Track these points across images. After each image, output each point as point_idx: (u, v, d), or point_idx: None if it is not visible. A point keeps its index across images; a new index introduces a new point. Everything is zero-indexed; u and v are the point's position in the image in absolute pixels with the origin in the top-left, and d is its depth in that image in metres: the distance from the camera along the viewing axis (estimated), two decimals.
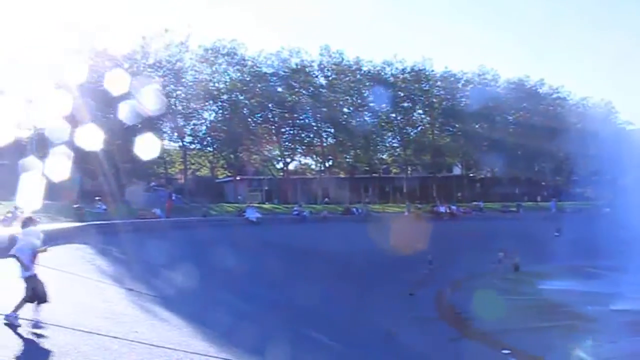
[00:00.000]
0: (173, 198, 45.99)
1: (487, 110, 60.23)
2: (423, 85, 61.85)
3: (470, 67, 77.52)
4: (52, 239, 17.55)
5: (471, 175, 69.73)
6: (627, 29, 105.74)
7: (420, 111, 64.59)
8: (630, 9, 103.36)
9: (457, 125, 63.23)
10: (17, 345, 6.88)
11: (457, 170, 69.98)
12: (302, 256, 28.20)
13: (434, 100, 62.58)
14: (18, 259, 8.08)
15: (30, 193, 38.29)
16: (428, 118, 64.33)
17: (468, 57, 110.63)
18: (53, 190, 43.73)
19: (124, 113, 47.80)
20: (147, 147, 48.95)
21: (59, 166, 48.21)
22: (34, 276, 8.14)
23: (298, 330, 15.89)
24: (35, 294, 7.96)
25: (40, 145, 46.72)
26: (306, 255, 28.66)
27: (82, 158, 40.48)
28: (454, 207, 52.30)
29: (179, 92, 54.42)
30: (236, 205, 47.33)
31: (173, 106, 53.60)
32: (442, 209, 51.41)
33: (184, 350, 9.29)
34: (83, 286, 12.92)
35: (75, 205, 32.22)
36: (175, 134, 55.15)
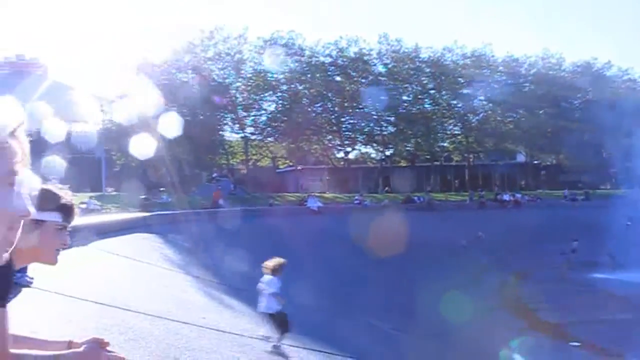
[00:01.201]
0: (232, 187, 46.72)
1: (552, 95, 58.48)
2: (484, 70, 60.47)
3: (534, 50, 75.48)
4: (122, 228, 18.16)
5: (535, 162, 67.91)
6: None
7: (482, 97, 63.24)
8: None
9: (520, 111, 61.67)
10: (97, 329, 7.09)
11: (520, 158, 68.28)
12: (360, 243, 28.13)
13: (496, 86, 61.12)
14: (277, 296, 9.33)
15: (102, 184, 39.60)
16: (490, 104, 62.94)
17: (531, 41, 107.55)
18: (121, 182, 45.32)
19: (186, 105, 48.96)
20: (208, 138, 50.07)
21: (126, 158, 49.90)
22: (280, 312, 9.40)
23: (362, 319, 15.91)
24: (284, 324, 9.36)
25: (108, 138, 48.24)
26: (363, 242, 28.57)
27: (147, 151, 41.66)
28: (518, 195, 51.07)
29: (238, 84, 55.16)
30: (297, 195, 47.58)
31: (233, 98, 54.40)
32: (506, 197, 50.27)
33: (251, 336, 9.41)
34: (152, 274, 13.25)
35: (142, 196, 33.06)
36: (237, 125, 55.91)
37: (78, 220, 2.08)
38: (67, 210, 2.07)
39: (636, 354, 14.71)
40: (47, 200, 1.93)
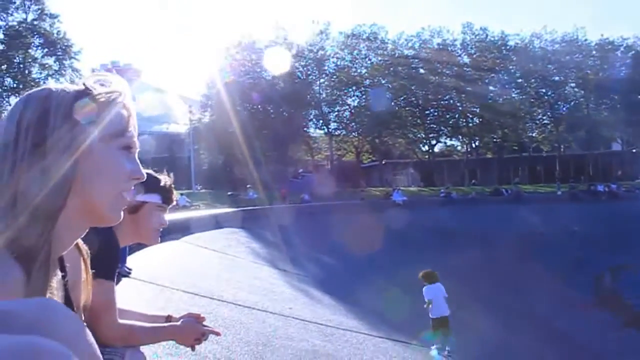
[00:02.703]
0: (316, 182, 47.15)
1: None
2: (575, 56, 57.96)
3: (632, 32, 71.65)
4: (211, 223, 18.74)
5: (634, 150, 64.45)
6: None
7: (573, 84, 60.62)
8: None
9: (615, 97, 58.66)
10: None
11: (616, 146, 65.04)
12: (451, 237, 27.73)
13: (588, 71, 58.37)
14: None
15: (192, 181, 40.97)
16: (582, 91, 60.26)
17: (626, 22, 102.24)
18: (209, 179, 46.78)
19: (271, 102, 49.91)
20: (293, 135, 50.79)
21: (214, 157, 51.46)
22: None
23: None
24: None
25: (197, 138, 49.85)
26: (455, 236, 28.14)
27: (233, 148, 42.77)
28: (613, 186, 48.64)
29: (322, 80, 55.58)
30: (382, 188, 47.46)
31: (317, 94, 54.87)
32: (600, 188, 48.05)
33: (336, 326, 9.52)
34: (240, 267, 13.61)
35: (229, 193, 34.01)
36: (321, 121, 56.35)
37: (170, 217, 2.23)
38: (166, 192, 2.22)
39: None
40: (147, 183, 2.09)
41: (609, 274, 26.07)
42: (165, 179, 2.23)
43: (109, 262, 1.95)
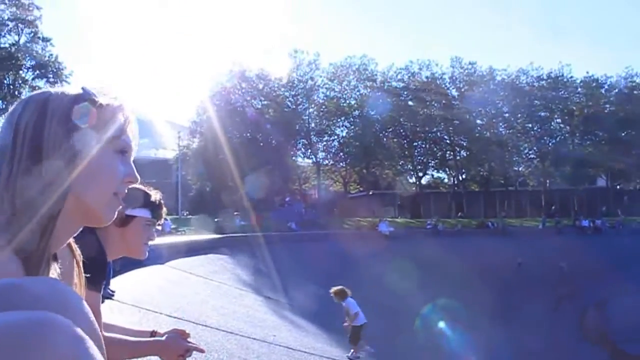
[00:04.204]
0: (303, 212, 47.24)
1: (636, 116, 56.01)
2: (561, 92, 58.77)
3: (616, 70, 72.85)
4: (198, 249, 18.67)
5: (618, 187, 65.05)
6: None
7: (559, 120, 61.35)
8: None
9: (600, 134, 59.45)
10: None
11: (601, 182, 65.62)
12: (434, 268, 27.75)
13: (574, 107, 59.16)
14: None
15: (178, 207, 40.76)
16: (567, 127, 61.00)
17: (612, 61, 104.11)
18: (195, 205, 46.60)
19: (260, 131, 50.07)
20: (281, 163, 50.85)
21: (201, 183, 51.35)
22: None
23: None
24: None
25: (184, 164, 49.86)
26: (437, 267, 28.17)
27: (220, 175, 42.79)
28: (598, 222, 49.04)
29: (311, 110, 55.92)
30: (369, 219, 47.47)
31: (306, 124, 55.15)
32: (585, 224, 48.42)
33: (320, 355, 9.49)
34: (225, 293, 13.56)
35: (216, 219, 33.90)
36: (309, 150, 56.53)
37: (156, 241, 2.27)
38: (156, 208, 2.25)
39: None
40: (137, 197, 2.13)
41: (594, 308, 26.17)
42: (155, 195, 2.25)
43: (96, 273, 1.95)
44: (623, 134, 57.74)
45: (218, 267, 17.22)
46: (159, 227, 2.32)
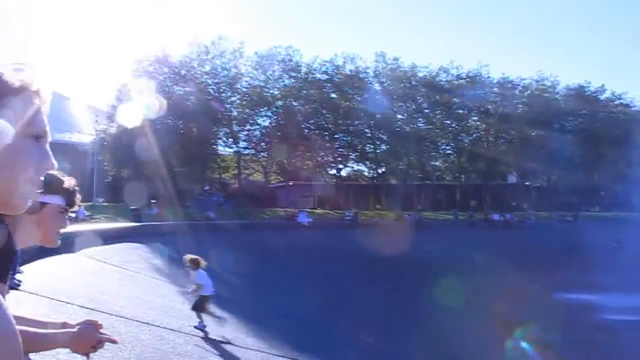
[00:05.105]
0: (222, 201, 46.97)
1: (545, 117, 58.76)
2: (479, 91, 60.83)
3: (529, 73, 76.07)
4: (112, 237, 18.23)
5: (527, 183, 68.18)
6: None
7: (476, 118, 63.61)
8: None
9: (513, 133, 62.07)
10: None
11: (512, 179, 68.59)
12: (348, 258, 28.28)
13: (490, 107, 61.48)
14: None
15: (93, 194, 39.55)
16: (483, 125, 63.36)
17: (526, 63, 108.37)
18: (112, 192, 45.32)
19: (181, 118, 49.11)
20: (202, 152, 50.14)
21: (118, 170, 49.93)
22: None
23: (339, 329, 16.00)
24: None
25: (102, 149, 48.33)
26: (350, 257, 28.70)
27: (139, 162, 41.76)
28: (508, 216, 51.34)
29: (233, 99, 55.36)
30: (288, 210, 47.66)
31: (228, 112, 54.54)
32: (495, 217, 50.58)
33: (237, 345, 9.52)
34: (140, 282, 13.34)
35: (132, 207, 33.09)
36: (230, 139, 55.99)
37: (69, 229, 2.22)
38: (69, 195, 2.18)
39: None
40: (50, 184, 2.06)
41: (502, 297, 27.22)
42: (69, 181, 2.19)
43: (3, 263, 1.88)
44: (533, 134, 60.45)
45: (133, 257, 16.90)
46: (73, 215, 2.26)
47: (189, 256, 10.78)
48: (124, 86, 50.68)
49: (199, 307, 10.16)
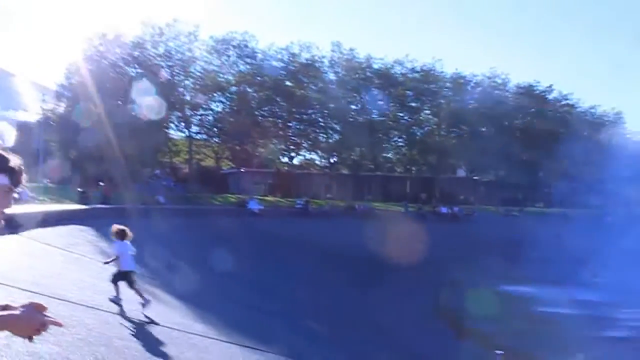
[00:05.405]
0: (172, 185, 46.49)
1: (495, 114, 60.02)
2: (432, 85, 61.69)
3: (481, 69, 77.46)
4: (58, 219, 17.82)
5: (476, 178, 69.59)
6: None
7: (428, 112, 64.61)
8: None
9: (463, 128, 63.23)
10: None
11: (461, 173, 69.93)
12: (298, 245, 28.39)
13: (442, 101, 62.46)
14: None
15: (37, 174, 38.56)
16: (435, 119, 64.36)
17: (479, 60, 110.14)
18: (58, 174, 44.19)
19: (132, 101, 48.19)
20: (153, 135, 49.33)
21: (66, 150, 48.77)
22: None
23: (289, 315, 16.08)
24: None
25: (48, 129, 47.08)
26: (299, 245, 28.81)
27: (87, 144, 40.86)
28: (456, 209, 52.32)
29: (187, 82, 54.68)
30: (239, 196, 47.44)
31: (181, 96, 53.85)
32: (444, 210, 51.50)
33: (184, 330, 9.46)
34: (86, 266, 13.09)
35: (79, 189, 32.38)
36: (182, 123, 55.34)
37: (11, 210, 2.12)
38: (15, 174, 2.05)
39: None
40: None
41: (446, 288, 27.81)
42: (15, 160, 2.05)
43: None
44: (483, 129, 61.64)
45: (79, 239, 16.56)
46: (16, 196, 2.17)
47: (115, 226, 10.35)
48: (73, 65, 49.47)
49: (113, 278, 9.87)
